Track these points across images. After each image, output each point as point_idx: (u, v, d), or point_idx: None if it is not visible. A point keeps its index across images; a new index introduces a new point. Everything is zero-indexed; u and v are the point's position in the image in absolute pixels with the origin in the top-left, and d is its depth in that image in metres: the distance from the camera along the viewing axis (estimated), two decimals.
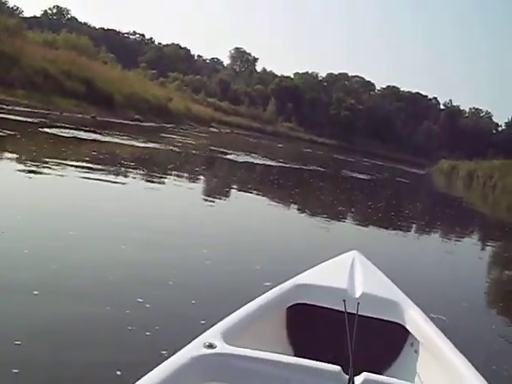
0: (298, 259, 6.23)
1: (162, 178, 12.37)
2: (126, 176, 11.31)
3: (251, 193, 12.91)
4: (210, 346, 1.84)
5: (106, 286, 4.52)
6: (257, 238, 8.08)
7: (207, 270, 5.64)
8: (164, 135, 25.32)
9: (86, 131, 17.87)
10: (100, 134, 18.18)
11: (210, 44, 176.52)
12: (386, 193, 22.12)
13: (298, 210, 12.37)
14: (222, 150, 22.68)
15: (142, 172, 12.51)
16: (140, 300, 4.22)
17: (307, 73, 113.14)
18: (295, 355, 2.44)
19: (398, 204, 18.29)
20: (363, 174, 27.60)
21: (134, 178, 11.50)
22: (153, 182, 11.41)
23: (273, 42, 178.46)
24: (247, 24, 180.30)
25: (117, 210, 7.86)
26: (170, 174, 13.31)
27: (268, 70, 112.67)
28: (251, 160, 21.38)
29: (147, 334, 3.67)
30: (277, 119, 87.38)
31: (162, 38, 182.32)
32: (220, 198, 11.57)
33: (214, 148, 23.17)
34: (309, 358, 1.88)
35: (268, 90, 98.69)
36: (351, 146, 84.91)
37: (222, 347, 1.85)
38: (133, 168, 12.52)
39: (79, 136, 16.35)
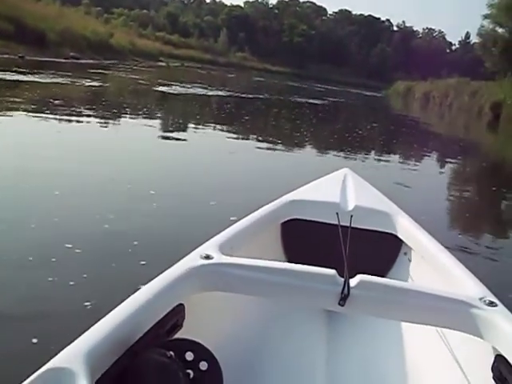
0: (257, 190, 5.80)
1: (104, 116, 11.31)
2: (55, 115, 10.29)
3: (205, 126, 12.02)
4: (207, 257, 1.86)
5: (30, 233, 3.97)
6: (215, 171, 7.34)
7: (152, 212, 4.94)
8: (105, 72, 23.72)
9: (13, 72, 16.42)
10: (26, 74, 16.68)
11: None
12: (342, 116, 21.43)
13: (255, 139, 11.58)
14: (170, 83, 21.37)
15: (78, 110, 11.47)
16: (69, 246, 3.77)
17: (257, 1, 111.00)
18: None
19: (354, 126, 17.61)
20: (318, 100, 26.81)
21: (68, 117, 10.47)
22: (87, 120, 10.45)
23: None
24: None
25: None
26: (114, 112, 12.28)
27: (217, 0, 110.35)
28: (202, 91, 20.27)
29: (71, 283, 3.25)
30: (229, 50, 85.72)
31: None
32: (171, 133, 10.55)
33: (161, 81, 21.81)
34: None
35: (218, 21, 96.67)
36: (305, 72, 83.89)
37: (219, 257, 1.87)
38: (60, 107, 11.41)
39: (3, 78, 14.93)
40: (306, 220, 2.77)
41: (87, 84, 16.63)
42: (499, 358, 1.63)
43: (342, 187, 2.98)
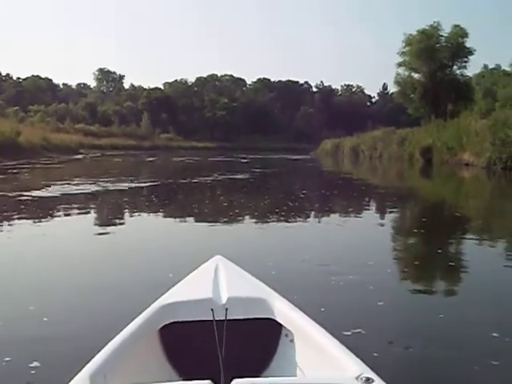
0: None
1: None
2: None
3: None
4: None
5: None
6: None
7: None
8: None
9: None
10: None
11: (71, 70, 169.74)
12: (268, 189, 19.73)
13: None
14: (58, 182, 17.78)
15: None
16: None
17: (176, 80, 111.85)
18: (180, 376, 2.49)
19: (286, 196, 16.16)
20: (242, 174, 25.10)
21: None
22: None
23: (133, 56, 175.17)
24: (105, 43, 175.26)
25: None
26: None
27: (136, 85, 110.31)
28: (91, 188, 16.06)
29: None
30: (153, 132, 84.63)
31: (22, 72, 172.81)
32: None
33: (46, 182, 17.61)
34: (190, 376, 1.84)
35: (139, 105, 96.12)
36: (232, 144, 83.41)
37: None
38: None
39: None
40: (183, 321, 2.69)
41: None
42: None
43: (214, 279, 2.94)
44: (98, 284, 5.78)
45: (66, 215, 11.39)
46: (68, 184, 17.25)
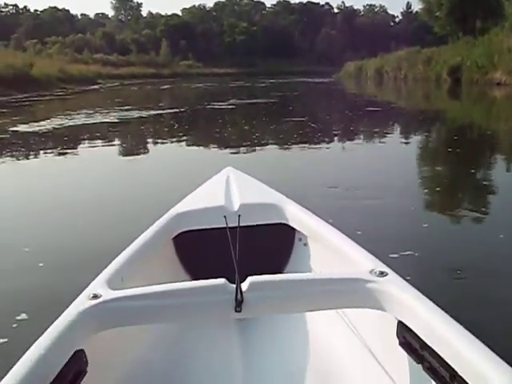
0: None
1: None
2: None
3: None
4: (95, 296, 1.77)
5: None
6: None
7: None
8: None
9: None
10: None
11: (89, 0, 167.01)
12: (291, 111, 18.98)
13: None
14: (63, 113, 16.98)
15: None
16: None
17: (194, 6, 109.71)
18: (195, 279, 2.35)
19: (312, 117, 15.62)
20: (266, 98, 24.30)
21: None
22: None
23: None
24: None
25: None
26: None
27: (154, 12, 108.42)
28: (99, 119, 15.51)
29: None
30: (173, 60, 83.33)
31: (40, 4, 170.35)
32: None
33: (42, 115, 16.99)
34: (205, 278, 1.86)
35: (157, 33, 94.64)
36: (254, 69, 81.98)
37: (107, 294, 1.78)
38: None
39: None
40: (197, 230, 2.72)
41: None
42: (400, 325, 1.69)
43: (225, 188, 2.97)
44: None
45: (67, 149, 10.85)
46: (72, 115, 16.52)
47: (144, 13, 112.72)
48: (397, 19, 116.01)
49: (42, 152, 10.09)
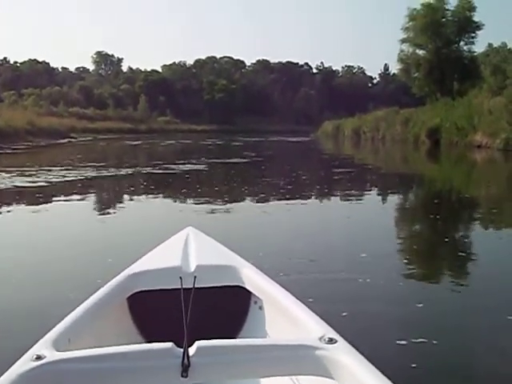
0: None
1: None
2: None
3: None
4: (39, 357, 1.71)
5: None
6: None
7: None
8: None
9: None
10: None
11: (70, 54, 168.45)
12: (264, 173, 17.88)
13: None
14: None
15: None
16: None
17: (174, 63, 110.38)
18: (145, 341, 2.48)
19: (287, 178, 14.95)
20: (238, 158, 23.18)
21: None
22: None
23: (134, 38, 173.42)
24: (105, 26, 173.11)
25: None
26: None
27: (135, 68, 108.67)
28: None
29: None
30: (150, 116, 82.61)
31: (19, 55, 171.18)
32: None
33: None
34: (154, 340, 1.82)
35: (136, 88, 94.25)
36: (232, 127, 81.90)
37: (52, 355, 1.73)
38: None
39: None
40: (152, 290, 2.65)
41: None
42: None
43: (183, 248, 2.90)
44: None
45: None
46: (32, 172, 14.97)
47: (124, 68, 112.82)
48: (375, 80, 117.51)
49: None
